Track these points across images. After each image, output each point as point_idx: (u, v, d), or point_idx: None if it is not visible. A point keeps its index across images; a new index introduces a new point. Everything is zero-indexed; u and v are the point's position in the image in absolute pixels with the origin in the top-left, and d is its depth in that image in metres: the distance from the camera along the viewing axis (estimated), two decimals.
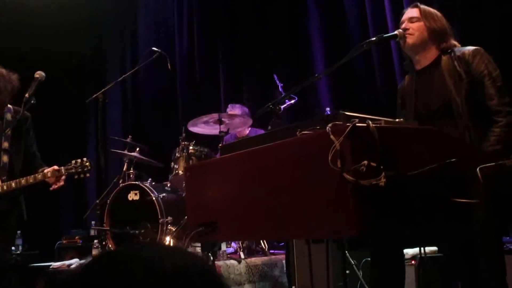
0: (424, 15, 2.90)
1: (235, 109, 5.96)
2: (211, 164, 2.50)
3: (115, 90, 7.82)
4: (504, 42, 4.54)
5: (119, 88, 8.25)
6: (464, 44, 2.93)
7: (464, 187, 1.84)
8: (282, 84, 5.37)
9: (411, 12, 2.95)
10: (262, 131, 5.77)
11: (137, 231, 5.10)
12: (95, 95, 4.94)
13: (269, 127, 3.09)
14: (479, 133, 2.67)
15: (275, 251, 5.25)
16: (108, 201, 5.35)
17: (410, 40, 2.88)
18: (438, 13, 2.96)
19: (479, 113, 2.70)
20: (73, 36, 8.28)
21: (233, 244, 5.17)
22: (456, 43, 2.91)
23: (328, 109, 5.18)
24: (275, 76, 5.48)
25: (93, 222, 6.29)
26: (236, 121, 5.32)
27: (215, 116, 5.08)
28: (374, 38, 2.78)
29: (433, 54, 2.91)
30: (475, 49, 2.80)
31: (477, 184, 1.82)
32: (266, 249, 5.07)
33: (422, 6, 2.95)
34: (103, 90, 4.99)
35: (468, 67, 2.75)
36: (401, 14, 3.02)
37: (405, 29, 2.89)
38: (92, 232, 6.45)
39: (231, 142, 4.89)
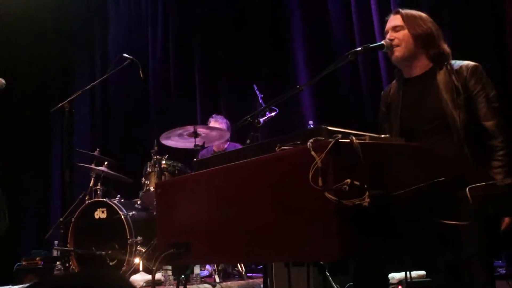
0: (407, 21, 2.92)
1: (219, 121, 5.92)
2: (184, 181, 2.49)
3: (83, 99, 7.73)
4: (497, 46, 4.62)
5: (87, 97, 8.18)
6: (454, 48, 2.96)
7: (454, 208, 1.86)
8: (262, 95, 5.37)
9: (393, 20, 2.98)
10: (241, 146, 5.76)
11: (103, 252, 5.04)
12: (60, 104, 4.90)
13: (247, 141, 3.09)
14: (475, 150, 2.71)
15: (253, 275, 5.22)
16: (73, 219, 5.28)
17: (398, 53, 2.91)
18: (423, 15, 2.98)
19: (475, 130, 2.74)
20: (38, 40, 8.21)
21: (207, 267, 5.13)
22: (445, 46, 2.93)
23: (311, 122, 5.20)
24: (255, 86, 5.48)
25: (56, 242, 6.21)
26: (213, 134, 5.30)
27: (190, 128, 5.05)
28: (360, 48, 2.80)
29: (424, 63, 2.94)
30: (474, 65, 2.84)
31: (466, 205, 1.84)
32: (243, 273, 5.04)
33: (404, 11, 2.97)
34: (69, 99, 4.95)
35: (465, 83, 2.80)
36: (385, 22, 3.05)
37: (390, 40, 2.92)
38: (55, 253, 6.36)
39: (206, 157, 4.86)
